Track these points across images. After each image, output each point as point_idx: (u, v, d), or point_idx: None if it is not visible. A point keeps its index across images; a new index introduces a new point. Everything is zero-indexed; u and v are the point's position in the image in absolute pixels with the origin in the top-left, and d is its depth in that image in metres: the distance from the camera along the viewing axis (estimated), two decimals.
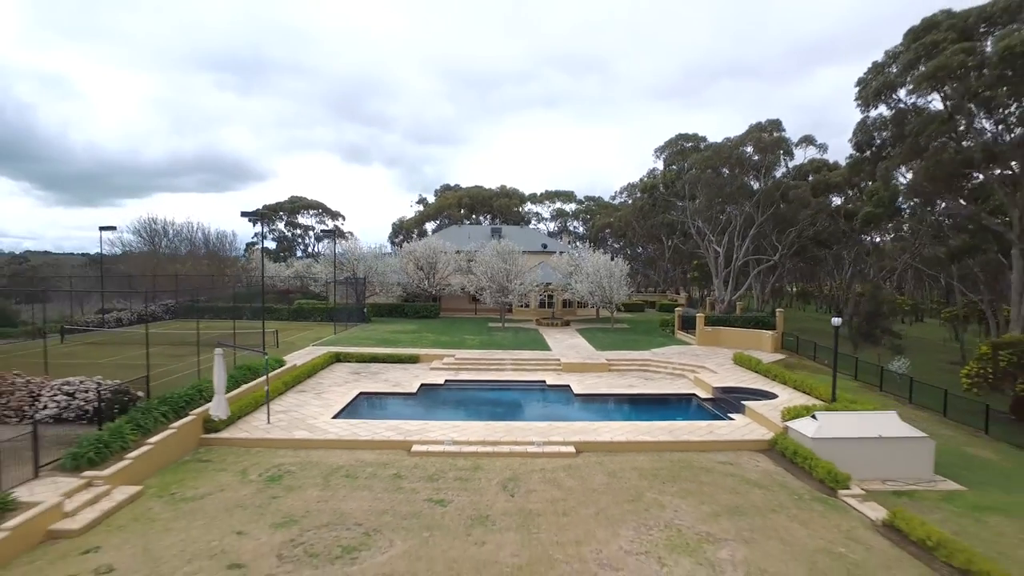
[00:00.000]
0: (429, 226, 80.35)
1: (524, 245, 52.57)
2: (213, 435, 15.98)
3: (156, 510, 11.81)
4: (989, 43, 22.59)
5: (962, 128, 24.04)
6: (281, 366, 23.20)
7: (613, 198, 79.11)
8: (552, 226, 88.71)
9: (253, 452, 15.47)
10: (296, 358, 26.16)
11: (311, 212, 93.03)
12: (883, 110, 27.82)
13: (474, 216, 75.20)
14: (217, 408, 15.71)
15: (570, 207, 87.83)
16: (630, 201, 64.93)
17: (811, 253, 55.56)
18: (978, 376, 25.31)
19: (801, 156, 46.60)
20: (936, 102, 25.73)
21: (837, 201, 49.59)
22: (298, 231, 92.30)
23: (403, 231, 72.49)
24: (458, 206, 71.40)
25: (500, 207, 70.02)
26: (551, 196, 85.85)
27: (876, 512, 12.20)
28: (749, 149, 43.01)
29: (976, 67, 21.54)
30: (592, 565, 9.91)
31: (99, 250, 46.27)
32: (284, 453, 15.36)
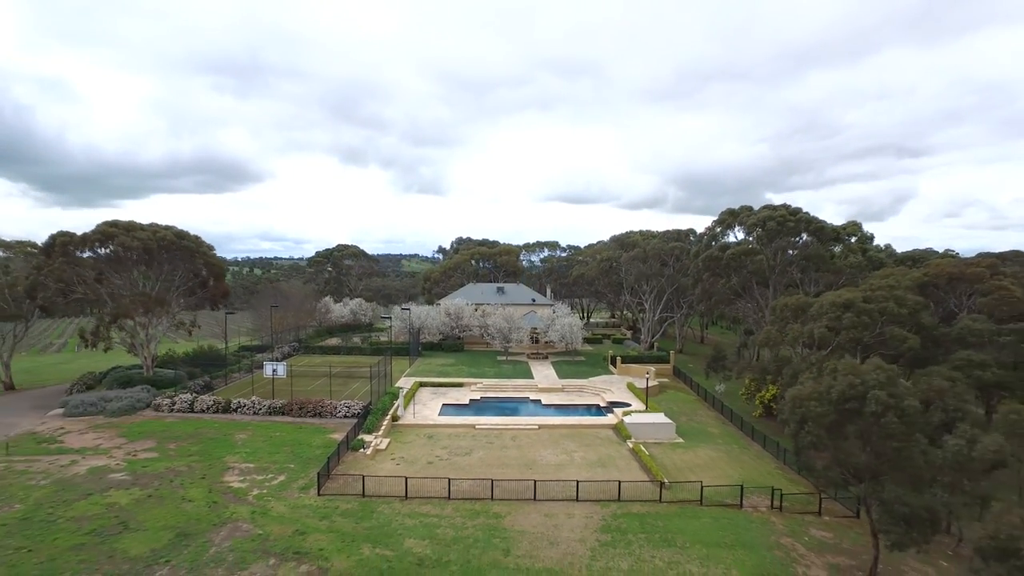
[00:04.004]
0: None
1: (519, 299, 77.81)
2: (396, 423, 40.73)
3: (399, 445, 36.72)
4: (737, 238, 47.89)
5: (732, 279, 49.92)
6: (402, 391, 48.08)
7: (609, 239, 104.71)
8: (542, 268, 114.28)
9: (414, 429, 40.26)
10: (401, 384, 50.91)
11: (351, 256, 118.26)
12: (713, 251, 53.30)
13: (482, 265, 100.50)
14: (400, 410, 40.67)
15: (556, 253, 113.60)
16: (592, 261, 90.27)
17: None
18: (748, 392, 50.54)
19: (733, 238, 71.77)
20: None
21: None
22: (341, 272, 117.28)
23: (430, 280, 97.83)
24: (470, 260, 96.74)
25: (503, 263, 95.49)
26: (540, 246, 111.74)
27: (631, 445, 37.22)
28: (681, 231, 68.27)
29: (723, 256, 46.86)
30: (536, 457, 34.92)
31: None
32: (427, 428, 40.17)
